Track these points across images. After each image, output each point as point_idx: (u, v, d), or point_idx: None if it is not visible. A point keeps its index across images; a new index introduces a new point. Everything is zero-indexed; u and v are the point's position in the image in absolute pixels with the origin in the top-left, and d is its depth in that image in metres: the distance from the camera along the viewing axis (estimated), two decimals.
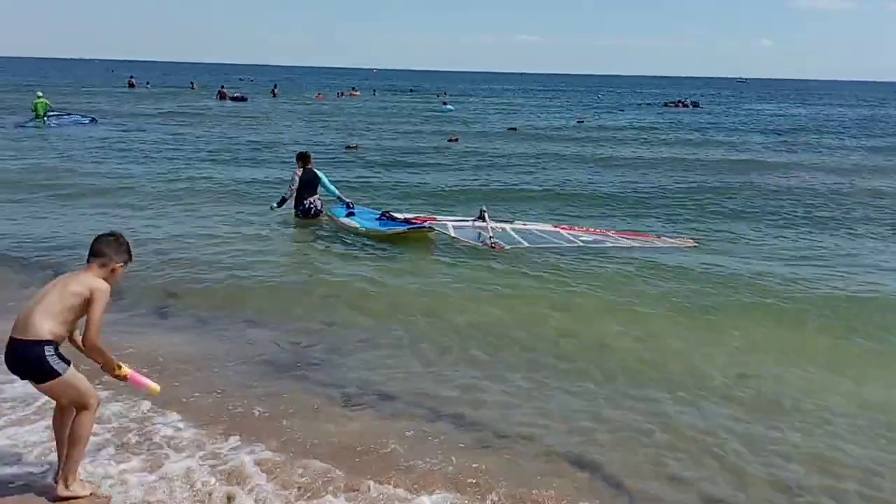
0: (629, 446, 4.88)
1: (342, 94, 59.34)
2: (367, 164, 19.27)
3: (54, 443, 4.17)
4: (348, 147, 22.62)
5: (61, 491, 3.97)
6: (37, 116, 27.32)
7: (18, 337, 3.80)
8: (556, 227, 11.13)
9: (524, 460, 4.64)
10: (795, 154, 24.20)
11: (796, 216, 13.56)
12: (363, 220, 11.10)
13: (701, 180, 17.74)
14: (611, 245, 10.37)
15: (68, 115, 28.87)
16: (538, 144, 25.66)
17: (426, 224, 10.68)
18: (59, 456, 4.10)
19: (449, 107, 46.10)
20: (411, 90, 75.87)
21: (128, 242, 4.14)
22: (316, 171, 11.87)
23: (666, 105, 57.46)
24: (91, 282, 3.88)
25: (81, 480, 4.07)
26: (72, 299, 3.82)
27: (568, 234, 10.73)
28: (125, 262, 4.11)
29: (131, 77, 65.32)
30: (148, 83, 64.70)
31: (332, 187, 11.92)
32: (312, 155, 12.14)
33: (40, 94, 29.32)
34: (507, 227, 10.84)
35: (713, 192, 15.91)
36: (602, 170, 19.39)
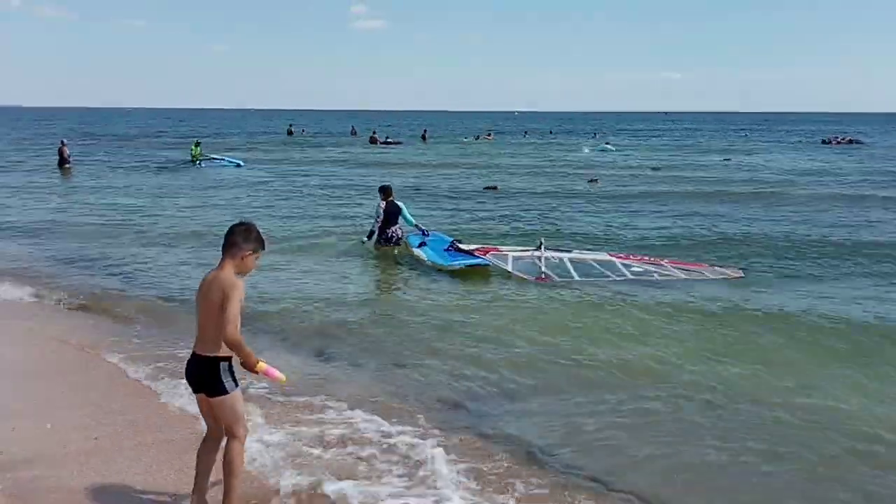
0: None
1: (478, 137, 61.16)
2: (507, 203, 19.97)
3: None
4: (487, 187, 23.33)
5: None
6: (193, 160, 32.24)
7: (199, 352, 4.10)
8: (611, 255, 11.64)
9: None
10: None
11: None
12: (430, 252, 11.97)
13: None
14: (658, 278, 10.66)
15: (220, 159, 33.33)
16: (680, 187, 25.00)
17: (487, 257, 11.43)
18: (195, 484, 4.26)
19: (609, 147, 46.31)
20: (551, 132, 76.31)
21: (258, 231, 4.20)
22: (397, 202, 12.84)
23: (824, 142, 54.45)
24: (223, 282, 4.00)
25: None
26: (218, 306, 3.95)
27: (621, 263, 11.14)
28: (254, 250, 4.15)
29: (290, 125, 70.25)
30: (304, 130, 69.35)
31: (410, 217, 12.85)
32: (393, 188, 13.12)
33: (198, 142, 35.14)
34: (565, 257, 11.45)
35: None
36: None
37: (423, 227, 12.85)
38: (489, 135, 62.93)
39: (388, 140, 52.39)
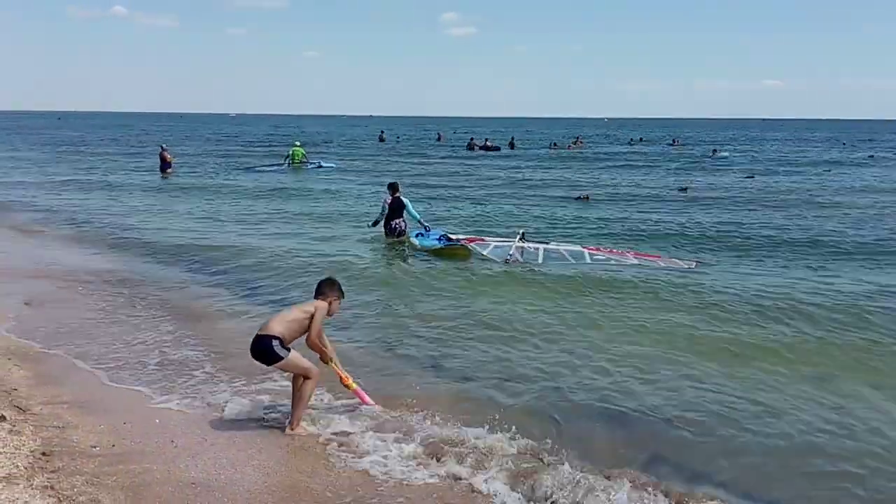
0: None
1: (554, 145, 58.40)
2: (598, 211, 19.96)
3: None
4: (579, 197, 23.14)
5: (287, 431, 5.76)
6: (292, 161, 33.11)
7: (260, 333, 5.70)
8: (583, 247, 13.11)
9: None
10: None
11: None
12: (421, 239, 13.75)
13: None
14: (615, 263, 12.08)
15: (314, 162, 34.71)
16: (776, 194, 24.07)
17: (464, 243, 13.08)
18: (292, 404, 5.86)
19: (724, 154, 46.36)
20: (641, 139, 73.91)
21: (339, 283, 6.10)
22: (402, 198, 14.14)
23: None
24: (314, 304, 5.88)
25: (303, 425, 5.79)
26: (300, 315, 5.78)
27: (588, 253, 12.63)
28: (338, 297, 6.02)
29: (382, 132, 71.41)
30: (398, 138, 70.28)
31: (413, 212, 14.17)
32: (400, 184, 14.56)
33: (297, 143, 36.45)
34: (541, 247, 12.99)
35: None
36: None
37: (426, 224, 14.20)
38: (577, 141, 61.52)
39: (488, 145, 52.11)
